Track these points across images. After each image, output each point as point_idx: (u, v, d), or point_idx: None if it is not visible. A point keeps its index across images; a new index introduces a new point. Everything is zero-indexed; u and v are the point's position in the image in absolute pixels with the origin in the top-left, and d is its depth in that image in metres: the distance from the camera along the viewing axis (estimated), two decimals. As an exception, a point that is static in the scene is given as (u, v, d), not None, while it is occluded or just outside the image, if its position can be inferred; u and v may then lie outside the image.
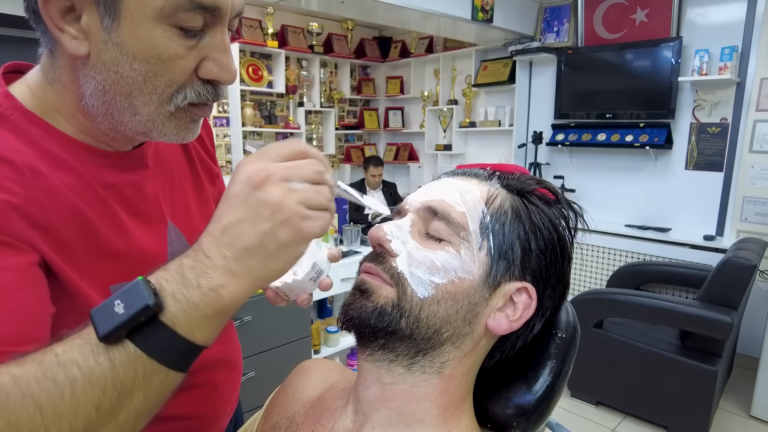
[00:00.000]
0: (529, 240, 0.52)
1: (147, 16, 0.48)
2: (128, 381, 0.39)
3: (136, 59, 0.50)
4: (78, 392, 0.37)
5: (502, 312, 0.52)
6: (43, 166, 0.52)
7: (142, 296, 0.38)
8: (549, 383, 0.55)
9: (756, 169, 3.03)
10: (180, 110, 0.54)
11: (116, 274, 0.56)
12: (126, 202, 0.60)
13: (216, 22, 0.51)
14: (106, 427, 0.39)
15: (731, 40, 3.06)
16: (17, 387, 0.36)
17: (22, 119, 0.53)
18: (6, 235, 0.47)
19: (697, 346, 2.33)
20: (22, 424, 0.36)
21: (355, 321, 0.51)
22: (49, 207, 0.51)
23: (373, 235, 0.54)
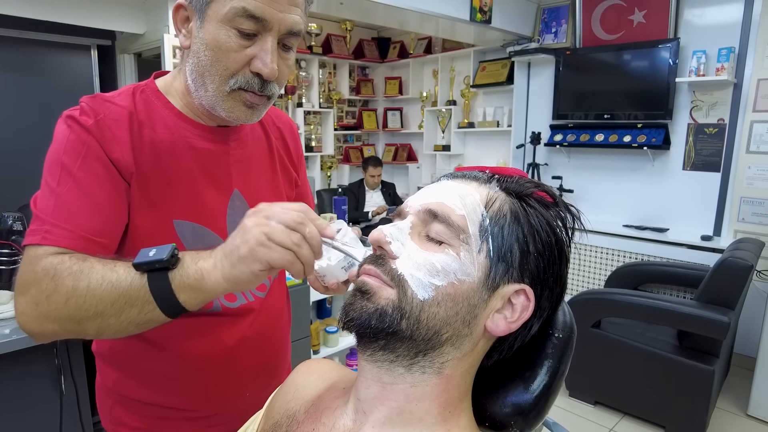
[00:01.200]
0: (528, 242, 0.53)
1: (218, 19, 0.69)
2: (133, 298, 0.61)
3: (207, 48, 0.71)
4: (108, 289, 0.61)
5: (500, 314, 0.53)
6: (149, 123, 0.76)
7: (163, 253, 0.60)
8: (546, 383, 0.56)
9: (753, 170, 3.04)
10: (234, 92, 0.73)
11: (178, 211, 0.77)
12: (202, 163, 0.80)
13: (266, 31, 0.70)
14: (111, 318, 0.62)
15: (728, 41, 3.08)
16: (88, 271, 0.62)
17: (152, 94, 0.79)
18: (110, 160, 0.71)
19: (695, 345, 2.34)
20: (77, 290, 0.61)
21: (356, 322, 0.51)
22: (143, 150, 0.74)
23: (374, 237, 0.55)
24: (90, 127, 0.71)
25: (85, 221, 0.68)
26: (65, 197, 0.68)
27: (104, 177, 0.71)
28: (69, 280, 0.61)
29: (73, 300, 0.60)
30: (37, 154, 3.27)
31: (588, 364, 2.56)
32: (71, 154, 0.70)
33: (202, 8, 0.70)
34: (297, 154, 0.99)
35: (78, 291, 0.60)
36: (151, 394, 0.83)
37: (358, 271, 0.56)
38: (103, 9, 3.58)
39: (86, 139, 0.70)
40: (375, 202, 4.40)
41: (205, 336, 0.82)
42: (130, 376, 0.83)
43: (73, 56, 4.04)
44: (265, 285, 0.90)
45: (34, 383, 1.50)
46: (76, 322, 0.62)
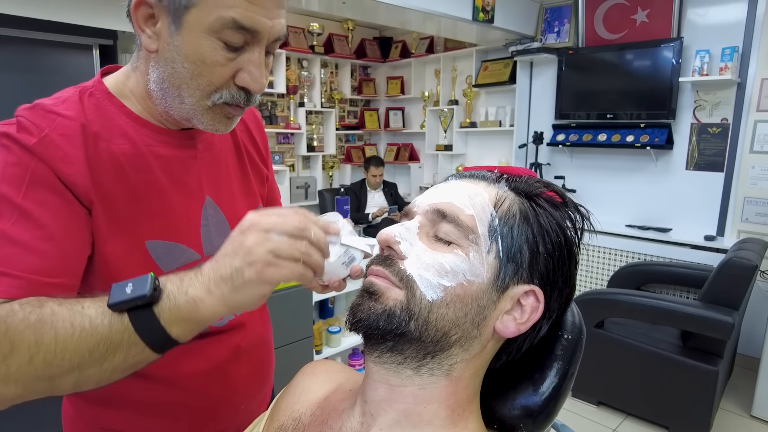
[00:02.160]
0: (537, 243, 0.52)
1: (201, 29, 0.61)
2: (116, 342, 0.52)
3: (187, 60, 0.63)
4: (82, 338, 0.51)
5: (509, 315, 0.52)
6: (106, 134, 0.67)
7: (144, 287, 0.51)
8: (555, 384, 0.55)
9: (757, 170, 3.03)
10: (216, 106, 0.67)
11: (150, 230, 0.69)
12: (170, 172, 0.72)
13: (254, 42, 0.63)
14: (91, 369, 0.53)
15: (732, 41, 3.06)
16: (51, 319, 0.51)
17: (103, 98, 0.69)
18: (62, 184, 0.61)
19: (698, 346, 2.33)
20: (42, 345, 0.50)
21: (364, 323, 0.51)
22: (101, 167, 0.65)
23: (382, 237, 0.54)
24: (33, 147, 0.60)
25: (38, 261, 0.57)
26: (13, 234, 0.57)
27: (57, 204, 0.61)
28: (28, 334, 0.50)
29: (39, 356, 0.50)
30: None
31: (591, 364, 2.55)
32: (12, 182, 0.59)
33: (179, 13, 0.61)
34: (265, 146, 0.91)
35: (44, 345, 0.50)
36: (140, 425, 0.75)
37: (366, 271, 0.55)
38: (104, 8, 3.58)
39: (29, 162, 0.60)
40: (377, 202, 4.40)
41: (195, 357, 0.76)
42: (113, 409, 0.74)
43: (75, 56, 4.04)
44: None
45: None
46: (47, 380, 0.52)
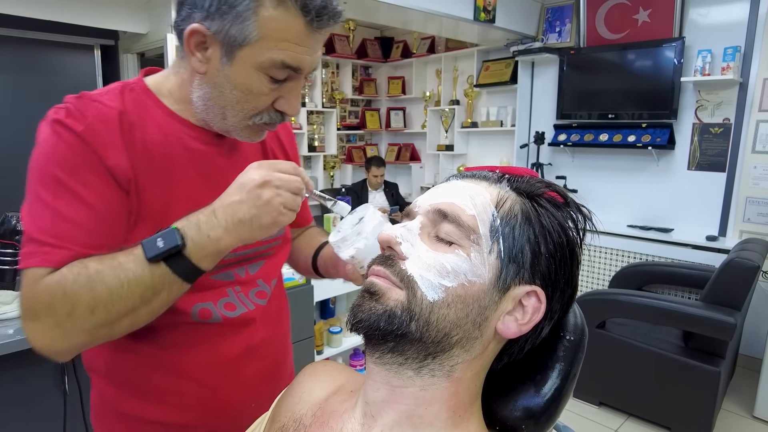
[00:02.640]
0: (539, 243, 0.52)
1: (251, 65, 0.69)
2: (159, 285, 0.64)
3: (235, 88, 0.71)
4: (131, 287, 0.63)
5: (511, 315, 0.52)
6: (140, 123, 0.73)
7: (175, 239, 0.63)
8: (557, 386, 0.55)
9: (759, 170, 3.02)
10: (256, 125, 0.76)
11: (177, 215, 0.71)
12: (197, 164, 0.78)
13: (296, 76, 0.72)
14: (142, 309, 0.65)
15: (734, 41, 3.06)
16: (98, 277, 0.62)
17: (142, 92, 0.76)
18: (105, 168, 0.68)
19: (700, 346, 2.33)
20: (99, 299, 0.62)
21: (365, 323, 0.50)
22: (136, 153, 0.71)
23: (383, 238, 0.54)
24: (81, 133, 0.67)
25: (86, 237, 0.65)
26: (64, 211, 0.65)
27: (102, 188, 0.67)
28: (84, 292, 0.61)
29: (99, 308, 0.62)
30: (41, 153, 3.20)
31: (593, 364, 2.55)
32: (64, 165, 0.66)
33: (233, 48, 0.68)
34: (293, 152, 0.98)
35: (101, 299, 0.62)
36: (153, 411, 0.79)
37: (367, 272, 0.55)
38: (106, 9, 3.58)
39: (78, 147, 0.66)
40: (378, 203, 4.39)
41: (205, 347, 0.80)
42: (130, 393, 0.80)
43: (76, 56, 4.04)
44: (265, 293, 0.88)
45: (38, 383, 1.50)
46: (108, 325, 0.64)
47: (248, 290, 0.84)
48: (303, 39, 0.68)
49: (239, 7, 0.65)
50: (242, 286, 0.83)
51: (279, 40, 0.66)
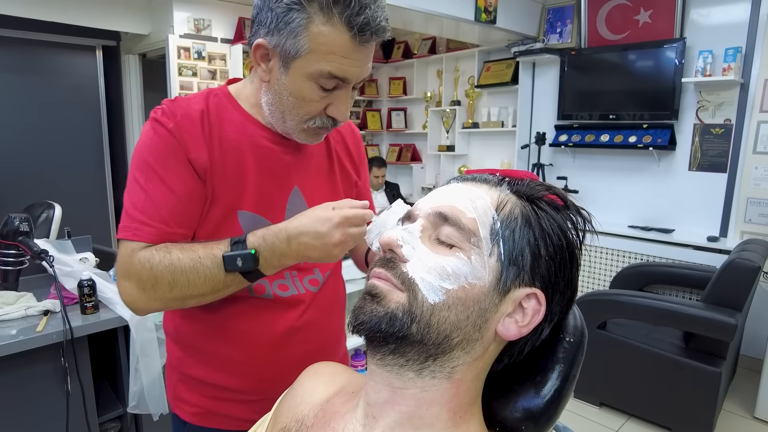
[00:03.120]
0: (539, 246, 0.52)
1: (303, 75, 0.77)
2: (229, 284, 0.80)
3: (291, 95, 0.80)
4: (207, 281, 0.78)
5: (511, 318, 0.52)
6: (219, 122, 0.85)
7: (251, 263, 0.78)
8: (557, 387, 0.55)
9: (760, 170, 3.02)
10: (311, 129, 0.84)
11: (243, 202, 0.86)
12: (265, 160, 0.88)
13: (344, 85, 0.80)
14: (210, 296, 0.81)
15: (735, 41, 3.06)
16: (179, 264, 0.77)
17: (224, 97, 0.89)
18: (188, 160, 0.81)
19: (701, 347, 2.33)
20: (177, 281, 0.77)
21: (366, 326, 0.51)
22: (213, 148, 0.84)
23: (384, 240, 0.54)
24: (171, 129, 0.81)
25: (169, 215, 0.80)
26: (152, 193, 0.80)
27: (185, 175, 0.81)
28: (166, 273, 0.77)
29: (177, 289, 0.77)
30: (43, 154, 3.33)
31: (593, 365, 2.55)
32: (156, 155, 0.81)
33: (288, 60, 0.77)
34: (359, 157, 1.07)
35: (178, 282, 0.77)
36: (208, 374, 0.92)
37: (368, 274, 0.56)
38: (108, 10, 3.59)
39: (169, 140, 0.81)
40: (379, 203, 4.40)
41: (256, 320, 0.90)
42: (191, 356, 0.93)
43: (79, 57, 4.06)
44: (318, 281, 0.96)
45: (41, 383, 1.51)
46: (180, 301, 0.80)
47: (303, 276, 0.94)
48: (348, 52, 0.75)
49: (293, 24, 0.74)
50: (299, 271, 0.93)
51: (327, 53, 0.74)
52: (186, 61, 3.53)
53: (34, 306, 1.58)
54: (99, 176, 4.29)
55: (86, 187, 4.20)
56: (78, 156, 4.14)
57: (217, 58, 3.71)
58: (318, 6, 0.73)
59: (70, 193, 3.93)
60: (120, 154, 4.38)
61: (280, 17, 0.75)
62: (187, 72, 3.54)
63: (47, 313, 1.58)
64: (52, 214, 2.01)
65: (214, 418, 0.93)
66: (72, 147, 4.08)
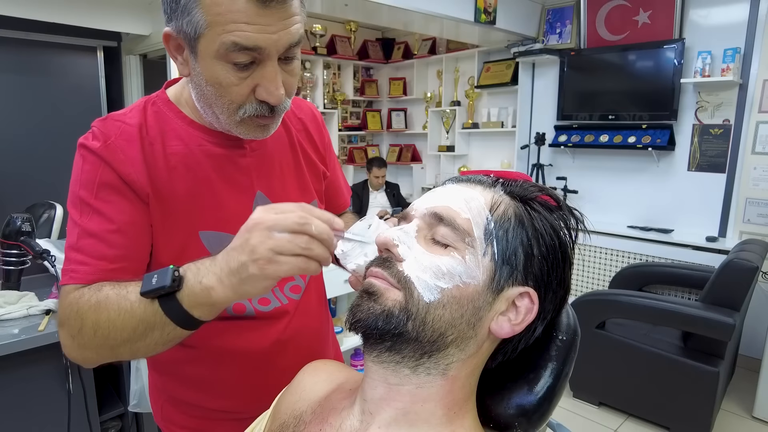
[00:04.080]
0: (532, 246, 0.53)
1: (210, 55, 0.66)
2: (152, 323, 0.62)
3: (208, 83, 0.69)
4: (126, 318, 0.62)
5: (504, 316, 0.53)
6: (161, 137, 0.76)
7: (166, 279, 0.60)
8: (550, 384, 0.57)
9: (759, 171, 3.03)
10: (246, 119, 0.72)
11: (203, 222, 0.77)
12: (220, 169, 0.79)
13: (264, 58, 0.67)
14: (138, 342, 0.63)
15: (734, 42, 3.07)
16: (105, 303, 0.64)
17: (163, 105, 0.79)
18: (125, 184, 0.72)
19: (700, 347, 2.34)
20: (100, 323, 0.63)
21: (363, 323, 0.52)
22: (156, 166, 0.74)
23: (380, 240, 0.55)
24: (98, 150, 0.72)
25: (108, 250, 0.70)
26: (88, 227, 0.70)
27: (121, 203, 0.72)
28: (91, 313, 0.64)
29: (99, 332, 0.64)
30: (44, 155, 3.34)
31: (592, 365, 2.56)
32: (86, 185, 0.71)
33: (193, 43, 0.67)
34: (323, 144, 0.95)
35: (101, 323, 0.64)
36: (196, 397, 0.85)
37: (365, 273, 0.57)
38: (108, 10, 3.60)
39: (98, 165, 0.72)
40: (379, 203, 4.41)
41: (240, 340, 0.82)
42: (175, 380, 0.86)
43: (79, 58, 4.07)
44: (299, 287, 0.89)
45: (43, 382, 1.52)
46: (109, 348, 0.66)
47: (283, 285, 0.86)
48: (251, 17, 0.63)
49: (182, 1, 0.65)
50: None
51: (226, 23, 0.63)
52: (187, 61, 3.54)
53: (36, 305, 1.59)
54: (100, 176, 4.30)
55: (87, 188, 4.21)
56: (79, 156, 4.14)
57: (218, 58, 3.71)
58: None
59: (72, 193, 3.93)
60: (121, 154, 4.38)
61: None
62: (187, 73, 3.55)
63: (49, 313, 1.59)
64: (54, 214, 2.02)
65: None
66: (73, 147, 4.04)
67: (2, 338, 1.41)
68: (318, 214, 0.57)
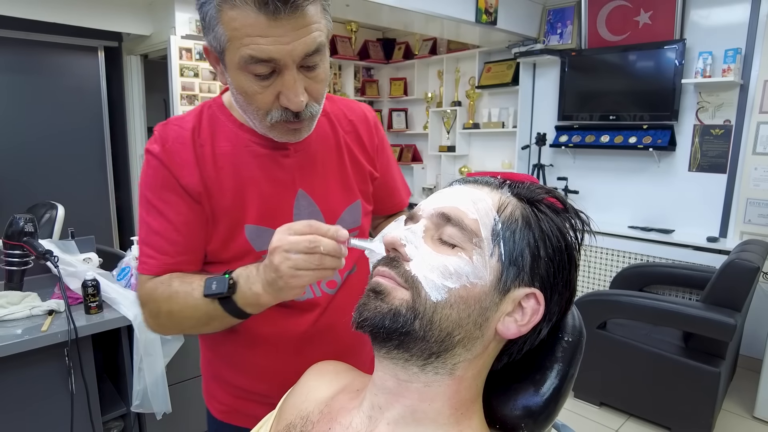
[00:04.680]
0: (539, 247, 0.54)
1: (234, 67, 0.73)
2: (213, 315, 0.76)
3: (238, 92, 0.76)
4: (194, 311, 0.77)
5: (511, 317, 0.54)
6: (211, 139, 0.84)
7: (223, 287, 0.73)
8: (556, 386, 0.57)
9: (759, 171, 3.03)
10: (275, 124, 0.78)
11: (247, 216, 0.84)
12: (264, 169, 0.85)
13: (282, 67, 0.71)
14: (203, 328, 0.81)
15: (735, 42, 3.07)
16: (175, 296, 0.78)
17: (217, 109, 0.86)
18: (180, 186, 0.81)
19: (701, 347, 2.34)
20: (173, 312, 0.79)
21: (370, 321, 0.52)
22: (206, 166, 0.82)
23: (388, 240, 0.56)
24: (158, 154, 0.81)
25: (169, 245, 0.82)
26: (152, 226, 0.82)
27: (178, 203, 0.81)
28: (164, 303, 0.79)
29: (173, 318, 0.80)
30: (45, 155, 3.34)
31: (593, 365, 2.56)
32: (150, 187, 0.82)
33: (221, 57, 0.74)
34: (372, 145, 0.99)
35: (173, 312, 0.79)
36: (234, 376, 0.93)
37: (372, 273, 0.57)
38: (109, 11, 3.60)
39: (159, 169, 0.81)
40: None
41: (274, 325, 0.89)
42: (219, 357, 0.95)
43: (80, 58, 4.07)
44: (336, 282, 0.92)
45: (45, 382, 1.52)
46: (180, 329, 0.86)
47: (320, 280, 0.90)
48: (263, 30, 0.67)
49: (207, 18, 0.71)
50: None
51: (242, 37, 0.68)
52: (188, 61, 3.54)
53: (38, 306, 1.59)
54: (101, 177, 4.30)
55: (88, 188, 4.21)
56: (80, 156, 4.15)
57: (219, 59, 3.72)
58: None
59: (73, 193, 3.94)
60: (122, 154, 4.39)
61: (202, 15, 0.72)
62: (188, 73, 3.55)
63: (52, 313, 1.59)
64: (55, 214, 2.02)
65: (240, 417, 0.94)
66: (74, 147, 4.09)
67: (5, 338, 1.41)
68: (324, 230, 0.65)
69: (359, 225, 0.95)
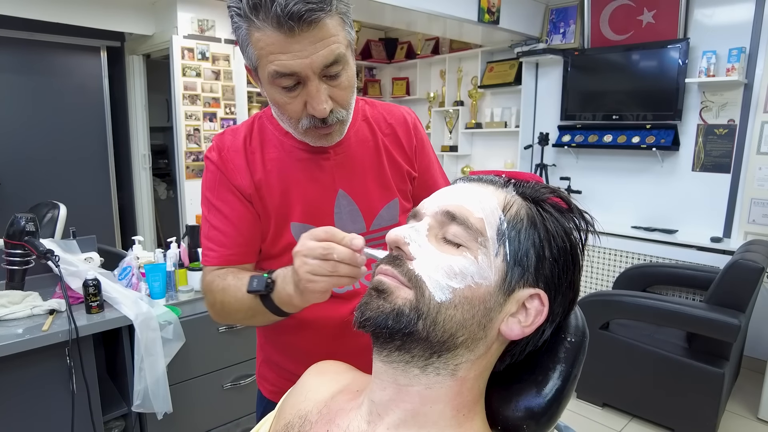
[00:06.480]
0: (543, 247, 0.53)
1: (266, 82, 0.81)
2: (256, 310, 0.83)
3: (272, 103, 0.86)
4: (241, 306, 0.84)
5: (515, 318, 0.53)
6: (261, 147, 0.94)
7: (261, 286, 0.80)
8: (559, 387, 0.56)
9: (764, 171, 3.01)
10: (307, 131, 0.85)
11: (293, 215, 0.93)
12: (307, 171, 0.94)
13: (304, 79, 0.78)
14: (251, 320, 0.88)
15: (739, 41, 3.05)
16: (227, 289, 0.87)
17: (266, 120, 0.96)
18: (234, 187, 0.91)
19: (704, 348, 2.32)
20: (225, 304, 0.87)
21: (372, 321, 0.51)
22: (256, 171, 0.92)
23: (391, 238, 0.55)
24: (215, 161, 0.93)
25: (226, 238, 0.92)
26: (212, 222, 0.93)
27: (234, 202, 0.92)
28: (219, 295, 0.88)
29: (225, 309, 0.88)
30: (48, 154, 3.35)
31: (596, 366, 2.55)
32: (210, 188, 0.94)
33: (256, 73, 0.82)
34: (411, 146, 1.04)
35: (226, 304, 0.87)
36: (282, 360, 1.04)
37: (375, 271, 0.56)
38: (112, 11, 3.61)
39: (216, 173, 0.92)
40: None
41: (317, 313, 0.94)
42: (269, 342, 1.06)
43: (83, 57, 4.08)
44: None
45: (46, 382, 1.52)
46: (232, 319, 0.92)
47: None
48: (283, 47, 0.74)
49: (240, 40, 0.80)
50: None
51: (267, 54, 0.76)
52: (190, 61, 3.54)
53: (39, 305, 1.59)
54: (103, 176, 4.31)
55: (90, 188, 4.22)
56: (82, 156, 4.15)
57: (221, 58, 3.72)
58: (245, 18, 0.75)
59: (75, 193, 3.95)
60: (124, 154, 4.40)
61: (237, 37, 0.80)
62: (191, 73, 3.55)
63: (53, 313, 1.59)
64: (57, 214, 2.02)
65: None
66: (76, 147, 4.10)
67: (6, 338, 1.41)
68: (339, 238, 0.68)
69: (397, 222, 1.01)
